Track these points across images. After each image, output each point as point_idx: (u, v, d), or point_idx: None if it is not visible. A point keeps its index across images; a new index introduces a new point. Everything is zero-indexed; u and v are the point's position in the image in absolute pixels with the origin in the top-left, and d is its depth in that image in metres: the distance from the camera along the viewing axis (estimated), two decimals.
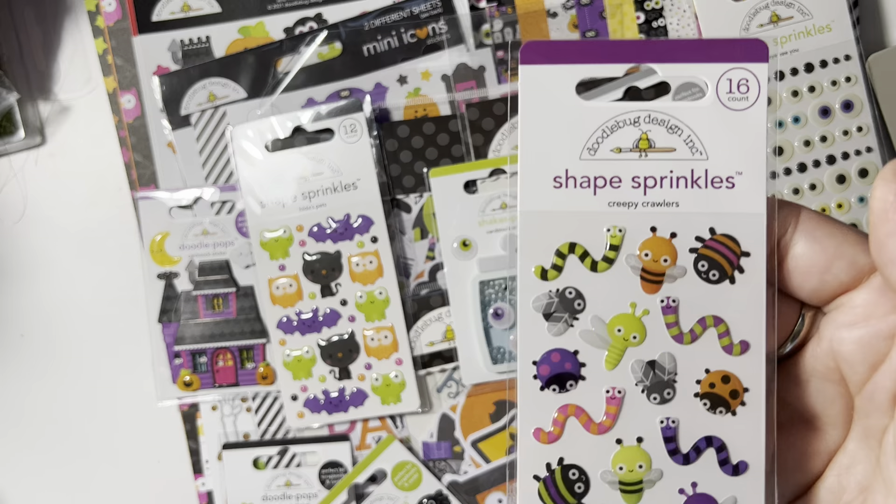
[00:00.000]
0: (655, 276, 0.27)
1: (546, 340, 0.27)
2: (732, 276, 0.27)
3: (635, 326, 0.27)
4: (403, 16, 0.49)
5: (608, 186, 0.27)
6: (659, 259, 0.27)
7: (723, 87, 0.27)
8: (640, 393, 0.27)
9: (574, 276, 0.27)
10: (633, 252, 0.27)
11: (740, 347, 0.26)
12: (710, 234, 0.27)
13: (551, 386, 0.27)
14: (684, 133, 0.27)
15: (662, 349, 0.27)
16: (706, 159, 0.27)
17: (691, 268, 0.27)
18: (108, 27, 0.50)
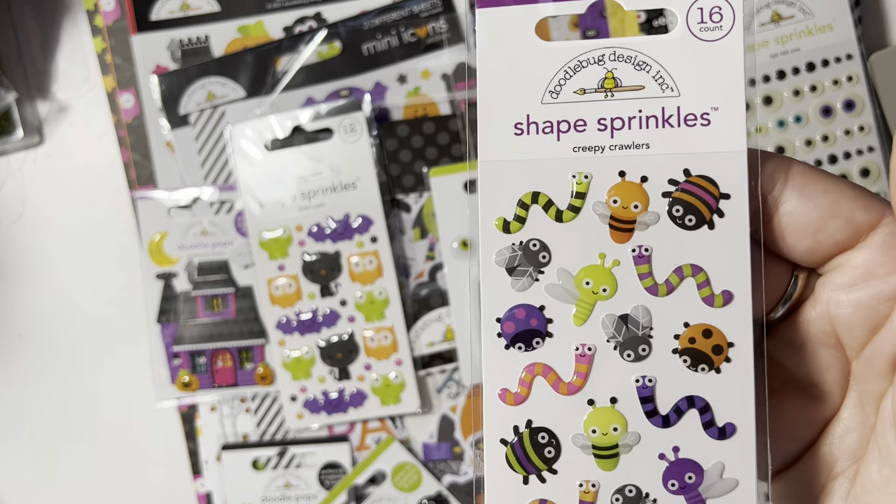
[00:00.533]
0: (625, 223, 0.25)
1: (510, 296, 0.25)
2: (711, 220, 0.24)
3: (605, 278, 0.25)
4: (403, 15, 0.49)
5: (572, 131, 0.25)
6: (629, 205, 0.25)
7: (693, 17, 0.25)
8: (612, 350, 0.24)
9: (538, 228, 0.25)
10: (601, 199, 0.25)
11: (722, 298, 0.24)
12: (684, 177, 0.24)
13: (517, 344, 0.25)
14: (653, 69, 0.25)
15: (635, 302, 0.25)
16: (678, 96, 0.25)
17: (665, 213, 0.24)
18: (106, 26, 0.50)
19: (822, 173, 0.24)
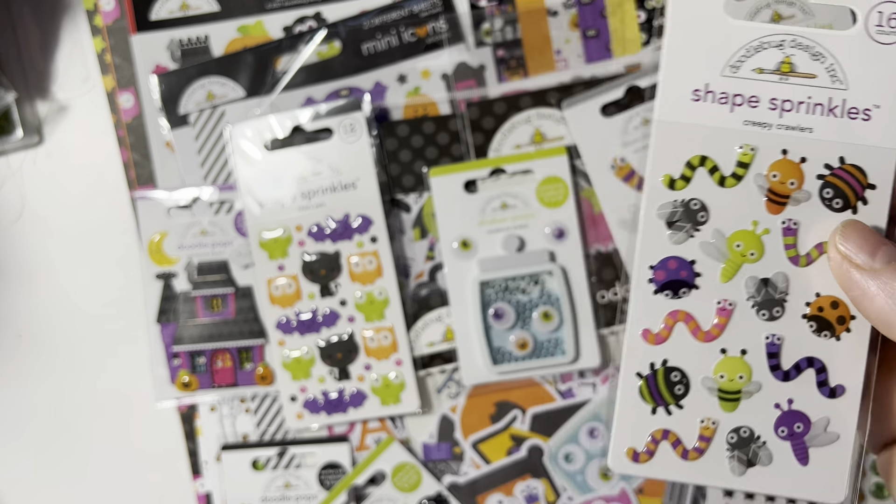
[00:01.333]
0: (781, 197, 0.27)
1: (665, 247, 0.28)
2: (855, 206, 0.27)
3: (754, 243, 0.27)
4: (403, 14, 0.49)
5: (745, 105, 0.27)
6: (786, 182, 0.27)
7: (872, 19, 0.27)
8: (750, 308, 0.28)
9: (701, 189, 0.28)
10: (762, 172, 0.27)
11: None
12: (839, 163, 0.27)
13: (665, 291, 0.28)
14: (827, 61, 0.27)
15: (777, 269, 0.28)
16: (846, 89, 0.27)
17: (816, 193, 0.27)
18: (106, 26, 0.50)
19: None
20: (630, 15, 0.49)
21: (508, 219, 0.48)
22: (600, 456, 0.48)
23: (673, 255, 0.28)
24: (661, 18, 0.49)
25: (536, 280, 0.48)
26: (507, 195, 0.48)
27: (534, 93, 0.48)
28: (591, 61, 0.49)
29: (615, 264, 0.48)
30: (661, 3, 0.49)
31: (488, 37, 0.49)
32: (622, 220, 0.48)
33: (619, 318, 0.49)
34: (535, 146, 0.49)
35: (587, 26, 0.49)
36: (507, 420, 0.49)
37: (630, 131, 0.48)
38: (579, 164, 0.49)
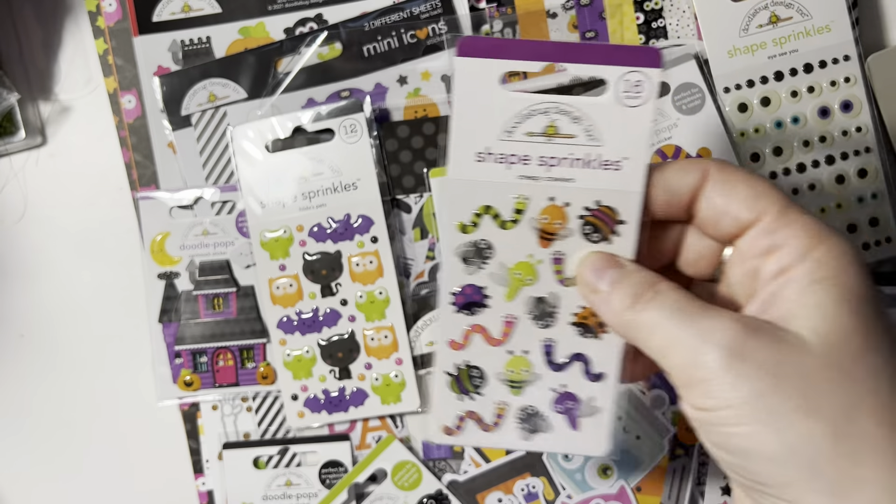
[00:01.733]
0: (549, 234, 0.34)
1: (462, 277, 0.35)
2: (609, 237, 0.34)
3: (530, 271, 0.35)
4: (403, 16, 0.49)
5: (519, 163, 0.33)
6: (553, 222, 0.34)
7: (620, 87, 0.32)
8: (529, 319, 0.35)
9: (487, 231, 0.34)
10: (535, 216, 0.34)
11: None
12: (596, 206, 0.33)
13: (463, 310, 0.35)
14: (585, 123, 0.33)
15: (549, 289, 0.35)
16: (601, 146, 0.33)
17: (578, 230, 0.34)
18: (108, 27, 0.50)
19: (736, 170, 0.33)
20: (629, 17, 0.49)
21: None
22: None
23: (468, 283, 0.35)
24: (661, 20, 0.49)
25: None
26: None
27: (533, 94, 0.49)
28: None
29: None
30: (659, 5, 0.49)
31: None
32: None
33: None
34: None
35: (586, 28, 0.49)
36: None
37: None
38: None
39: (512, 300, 0.35)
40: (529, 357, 0.36)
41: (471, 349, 0.36)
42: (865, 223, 0.49)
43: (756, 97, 0.49)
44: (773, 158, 0.49)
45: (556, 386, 0.36)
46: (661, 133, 0.48)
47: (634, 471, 0.49)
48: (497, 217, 0.34)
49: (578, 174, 0.33)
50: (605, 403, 0.36)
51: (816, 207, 0.49)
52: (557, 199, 0.34)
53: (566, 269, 0.35)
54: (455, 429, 0.37)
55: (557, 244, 0.34)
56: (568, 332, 0.35)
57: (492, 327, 0.36)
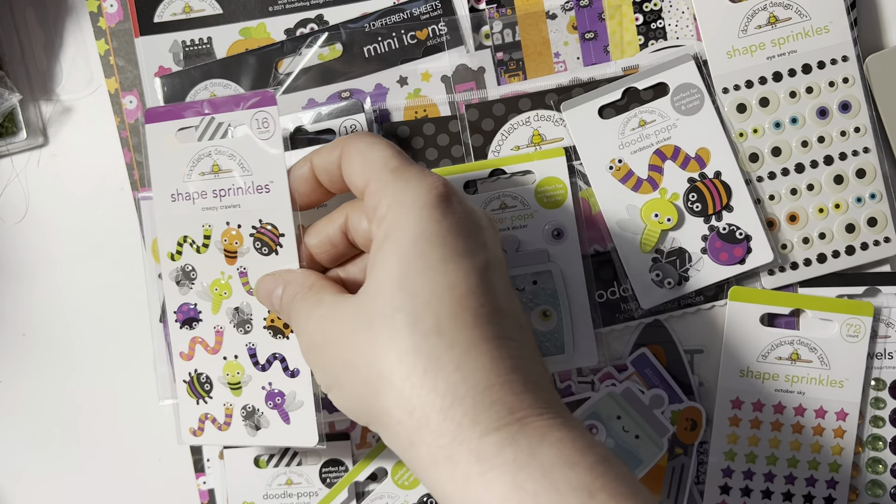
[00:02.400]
0: (232, 253, 0.41)
1: (179, 298, 0.43)
2: (276, 249, 0.40)
3: (224, 286, 0.42)
4: (404, 17, 0.49)
5: (200, 198, 0.41)
6: (232, 243, 0.41)
7: (254, 125, 0.40)
8: (233, 328, 0.42)
9: (189, 257, 0.42)
10: (218, 239, 0.41)
11: None
12: (260, 224, 0.40)
13: (184, 325, 0.43)
14: (237, 158, 0.41)
15: (243, 299, 0.42)
16: (251, 174, 0.40)
17: (252, 246, 0.41)
18: (109, 28, 0.50)
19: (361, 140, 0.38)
20: (628, 18, 0.49)
21: (508, 219, 0.49)
22: None
23: (184, 301, 0.43)
24: (660, 21, 0.49)
25: (535, 279, 0.48)
26: (507, 195, 0.49)
27: (533, 95, 0.49)
28: (589, 64, 0.49)
29: (613, 264, 0.49)
30: (658, 6, 0.49)
31: (488, 39, 0.49)
32: (620, 220, 0.49)
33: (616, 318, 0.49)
34: (533, 147, 0.49)
35: (586, 29, 0.49)
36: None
37: (627, 133, 0.49)
38: (577, 165, 0.49)
39: (217, 312, 0.42)
40: (239, 360, 0.42)
41: (196, 358, 0.43)
42: (864, 223, 0.49)
43: (755, 98, 0.49)
44: (772, 159, 0.49)
45: (265, 384, 0.42)
46: (661, 133, 0.48)
47: (634, 470, 0.49)
48: (193, 244, 0.42)
49: (242, 200, 0.41)
50: (306, 397, 0.41)
51: (815, 208, 0.49)
52: (232, 223, 0.41)
53: (251, 280, 0.41)
54: (198, 430, 0.43)
55: (240, 260, 0.41)
56: (264, 335, 0.42)
57: (207, 338, 0.43)
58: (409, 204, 0.35)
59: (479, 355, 0.33)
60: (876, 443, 0.49)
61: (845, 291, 0.49)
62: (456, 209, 0.35)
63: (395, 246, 0.34)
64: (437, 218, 0.35)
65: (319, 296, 0.37)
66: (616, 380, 0.49)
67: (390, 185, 0.36)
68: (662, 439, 0.49)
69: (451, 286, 0.34)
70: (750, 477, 0.49)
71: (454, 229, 0.35)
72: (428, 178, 0.36)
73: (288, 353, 0.41)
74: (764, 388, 0.49)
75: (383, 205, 0.35)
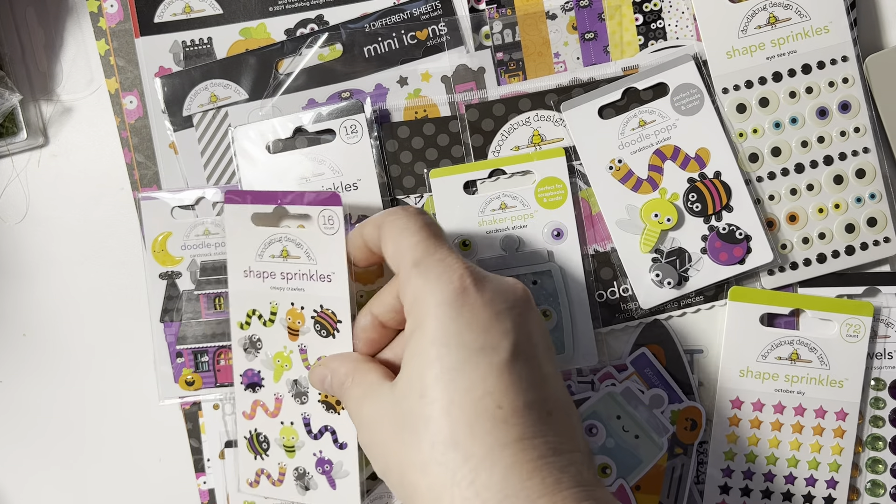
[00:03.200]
0: (295, 331, 0.45)
1: (245, 363, 0.46)
2: (334, 333, 0.43)
3: (286, 360, 0.45)
4: (404, 17, 0.49)
5: (269, 278, 0.45)
6: (296, 321, 0.45)
7: (321, 220, 0.43)
8: (291, 397, 0.45)
9: (256, 328, 0.46)
10: (283, 317, 0.45)
11: None
12: (321, 308, 0.44)
13: (247, 389, 0.46)
14: (304, 247, 0.44)
15: (301, 373, 0.45)
16: (316, 263, 0.44)
17: (312, 328, 0.44)
18: (110, 28, 0.50)
19: (394, 223, 0.40)
20: (628, 18, 0.49)
21: (508, 219, 0.49)
22: (598, 453, 0.49)
23: (249, 367, 0.46)
24: (660, 21, 0.49)
25: (535, 280, 0.48)
26: (507, 196, 0.49)
27: (532, 95, 0.49)
28: (589, 64, 0.49)
29: (613, 264, 0.49)
30: (658, 6, 0.49)
31: (488, 40, 0.49)
32: (620, 220, 0.49)
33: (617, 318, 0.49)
34: (533, 147, 0.49)
35: (585, 29, 0.49)
36: None
37: (627, 133, 0.49)
38: (577, 165, 0.49)
39: (278, 381, 0.45)
40: (295, 427, 0.45)
41: (257, 419, 0.46)
42: (864, 223, 0.49)
43: (754, 98, 0.49)
44: (772, 159, 0.49)
45: (316, 451, 0.45)
46: (660, 133, 0.49)
47: (633, 470, 0.49)
48: (261, 317, 0.45)
49: (306, 285, 0.44)
50: (352, 468, 0.44)
51: (815, 208, 0.49)
52: (296, 304, 0.44)
53: (310, 358, 0.44)
54: (255, 482, 0.46)
55: (301, 338, 0.44)
56: (318, 408, 0.45)
57: (268, 402, 0.46)
58: (427, 302, 0.35)
59: (493, 465, 0.33)
60: (876, 443, 0.49)
61: (845, 291, 0.49)
62: (474, 302, 0.35)
63: (418, 345, 0.35)
64: (452, 316, 0.35)
65: (363, 384, 0.39)
66: (616, 380, 0.49)
67: (412, 280, 0.36)
68: (662, 439, 0.49)
69: (469, 390, 0.34)
70: (750, 477, 0.49)
71: (472, 324, 0.35)
72: (446, 273, 0.36)
73: (339, 427, 0.44)
74: (764, 388, 0.49)
75: (408, 300, 0.37)
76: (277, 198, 0.44)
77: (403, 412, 0.35)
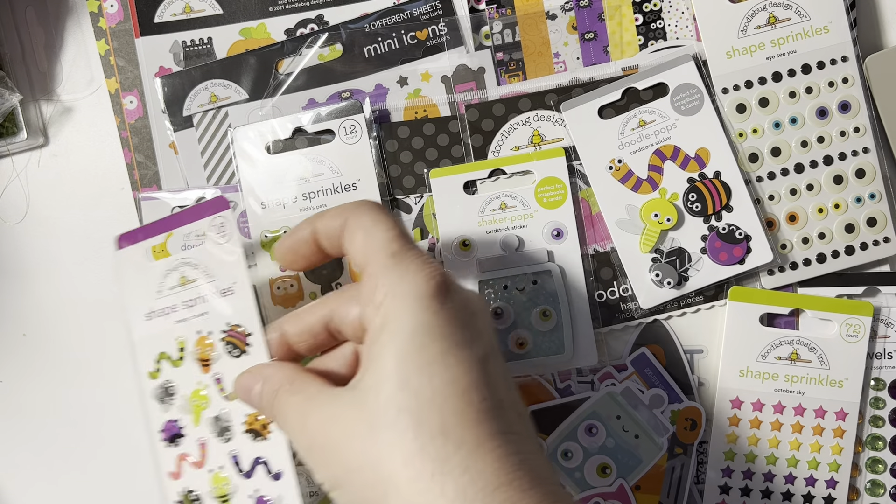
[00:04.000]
0: (206, 361, 0.42)
1: (163, 416, 0.43)
2: (245, 349, 0.41)
3: (203, 398, 0.42)
4: (404, 17, 0.49)
5: (173, 312, 0.42)
6: (205, 350, 0.42)
7: (213, 231, 0.42)
8: (215, 437, 0.42)
9: (167, 372, 0.43)
10: (192, 349, 0.42)
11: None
12: (228, 327, 0.41)
13: (169, 443, 0.43)
14: (201, 267, 0.42)
15: (221, 407, 0.42)
16: (216, 279, 0.42)
17: (223, 351, 0.41)
18: (110, 28, 0.50)
19: (366, 215, 0.38)
20: (628, 18, 0.49)
21: (508, 219, 0.49)
22: (598, 453, 0.49)
23: (168, 419, 0.43)
24: (660, 21, 0.49)
25: (535, 279, 0.48)
26: (507, 196, 0.49)
27: (532, 95, 0.49)
28: (588, 64, 0.49)
29: (613, 264, 0.49)
30: (658, 6, 0.49)
31: (488, 40, 0.49)
32: (620, 221, 0.49)
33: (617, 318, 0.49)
34: (533, 147, 0.49)
35: (585, 30, 0.49)
36: None
37: (627, 133, 0.49)
38: (577, 165, 0.49)
39: (199, 424, 0.42)
40: (225, 472, 0.42)
41: (185, 477, 0.43)
42: (863, 223, 0.49)
43: (754, 98, 0.49)
44: (772, 159, 0.49)
45: (251, 492, 0.41)
46: (660, 133, 0.49)
47: (633, 469, 0.49)
48: (170, 359, 0.43)
49: (209, 307, 0.42)
50: (292, 499, 0.40)
51: (814, 208, 0.49)
52: (203, 331, 0.42)
53: (226, 387, 0.41)
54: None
55: (214, 367, 0.42)
56: (245, 440, 0.41)
57: (192, 452, 0.42)
58: (407, 294, 0.34)
59: (485, 454, 0.32)
60: (875, 442, 0.49)
61: (845, 291, 0.49)
62: (453, 298, 0.35)
63: (394, 338, 0.34)
64: (434, 309, 0.34)
65: (305, 390, 0.36)
66: (616, 380, 0.49)
67: (389, 271, 0.35)
68: (662, 439, 0.49)
69: (454, 381, 0.33)
70: (749, 477, 0.49)
71: (452, 320, 0.34)
72: (427, 267, 0.35)
73: (269, 456, 0.41)
74: (763, 388, 0.49)
75: (381, 292, 0.35)
76: (169, 224, 0.43)
77: (372, 409, 0.34)
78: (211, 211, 0.42)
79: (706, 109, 0.49)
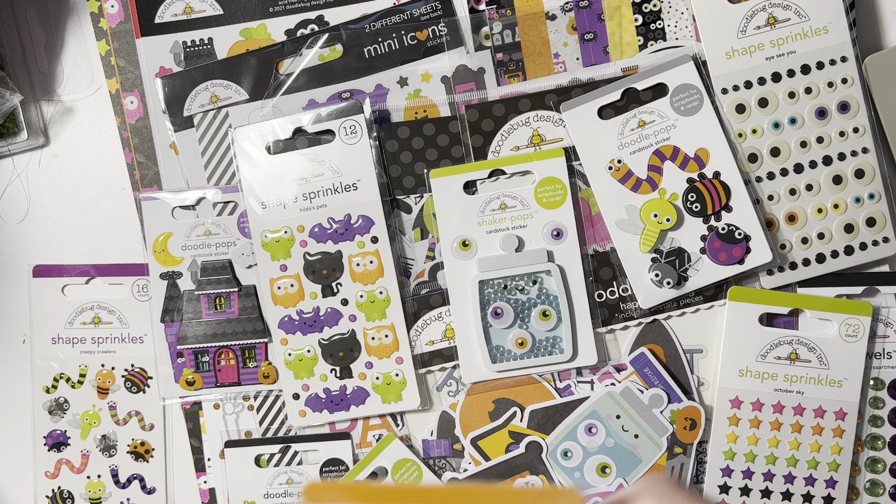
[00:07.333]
0: (105, 389, 0.49)
1: (49, 425, 0.50)
2: (144, 389, 0.49)
3: (94, 417, 0.50)
4: (404, 18, 0.49)
5: (79, 343, 0.50)
6: (105, 381, 0.50)
7: (135, 289, 0.49)
8: (98, 452, 0.50)
9: (63, 391, 0.50)
10: (93, 378, 0.50)
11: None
12: (132, 367, 0.50)
13: (51, 449, 0.50)
14: (117, 313, 0.50)
15: (110, 428, 0.50)
16: (129, 327, 0.50)
17: (122, 385, 0.50)
18: (111, 29, 0.50)
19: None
20: (627, 19, 0.49)
21: (507, 219, 0.49)
22: (598, 453, 0.49)
23: (54, 428, 0.50)
24: (659, 22, 0.49)
25: (535, 279, 0.48)
26: (507, 196, 0.49)
27: (532, 95, 0.49)
28: (588, 64, 0.49)
29: (612, 264, 0.49)
30: (658, 7, 0.49)
31: (487, 40, 0.49)
32: (619, 221, 0.49)
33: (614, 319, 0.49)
34: (533, 148, 0.49)
35: (585, 30, 0.49)
36: (506, 417, 0.50)
37: (627, 133, 0.49)
38: (577, 165, 0.49)
39: (85, 438, 0.50)
40: (102, 479, 0.50)
41: (61, 477, 0.50)
42: (863, 223, 0.49)
43: (754, 98, 0.49)
44: (771, 159, 0.49)
45: (124, 499, 0.50)
46: (660, 134, 0.49)
47: (633, 469, 0.49)
48: (69, 380, 0.50)
49: (118, 347, 0.50)
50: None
51: (814, 208, 0.49)
52: (106, 365, 0.50)
53: (120, 414, 0.50)
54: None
55: (111, 395, 0.50)
56: (127, 459, 0.50)
57: (74, 459, 0.50)
58: None
59: None
60: (875, 442, 0.49)
61: (844, 291, 0.49)
62: None
63: None
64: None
65: None
66: (615, 379, 0.49)
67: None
68: (662, 439, 0.49)
69: None
70: (749, 476, 0.49)
71: None
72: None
73: (147, 474, 0.50)
74: (763, 388, 0.49)
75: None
76: (89, 270, 0.50)
77: None
78: (133, 273, 0.50)
79: (705, 110, 0.49)
